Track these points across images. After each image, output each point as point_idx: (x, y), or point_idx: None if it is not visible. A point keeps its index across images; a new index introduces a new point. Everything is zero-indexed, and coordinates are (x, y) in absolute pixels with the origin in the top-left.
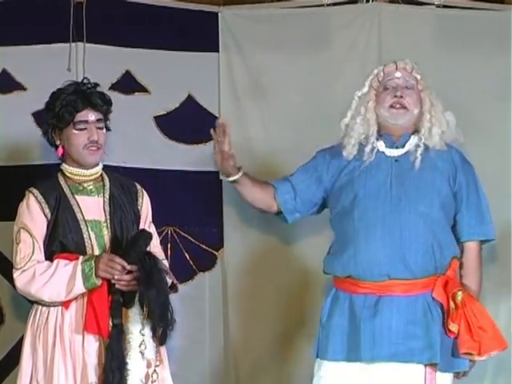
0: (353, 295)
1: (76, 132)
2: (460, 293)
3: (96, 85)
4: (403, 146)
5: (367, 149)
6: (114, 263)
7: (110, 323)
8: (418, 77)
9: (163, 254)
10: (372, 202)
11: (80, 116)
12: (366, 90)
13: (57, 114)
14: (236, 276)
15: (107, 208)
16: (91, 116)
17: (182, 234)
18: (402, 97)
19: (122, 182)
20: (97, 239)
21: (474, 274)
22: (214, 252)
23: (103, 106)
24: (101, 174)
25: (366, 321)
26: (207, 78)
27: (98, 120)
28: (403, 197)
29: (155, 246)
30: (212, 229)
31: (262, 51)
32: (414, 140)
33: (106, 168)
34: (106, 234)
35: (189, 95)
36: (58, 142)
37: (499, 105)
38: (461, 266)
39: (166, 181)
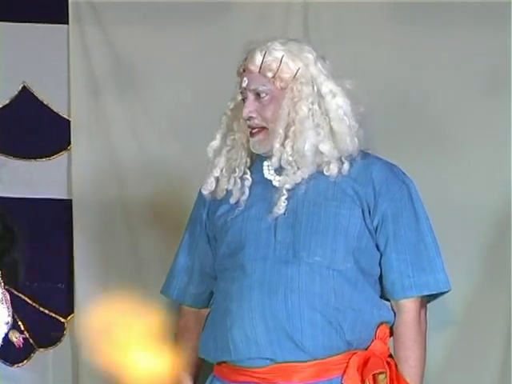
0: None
1: None
2: (383, 377)
3: None
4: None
5: (236, 187)
6: None
7: None
8: (273, 68)
9: None
10: (249, 253)
11: None
12: (239, 99)
13: None
14: (93, 354)
15: None
16: None
17: (14, 292)
18: (250, 118)
19: None
20: None
21: (412, 346)
22: (61, 319)
23: None
24: None
25: None
26: (51, 62)
27: None
28: (292, 243)
29: None
30: (57, 284)
31: (131, 23)
32: None
33: None
34: None
35: (24, 86)
36: None
37: (488, 101)
38: (393, 334)
39: None
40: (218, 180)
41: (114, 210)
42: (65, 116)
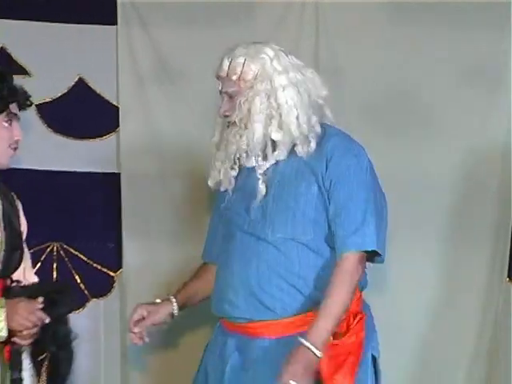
0: (230, 333)
1: (6, 125)
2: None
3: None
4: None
5: (229, 175)
6: (35, 317)
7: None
8: (237, 72)
9: (33, 276)
10: (233, 229)
11: (13, 107)
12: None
13: None
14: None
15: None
16: (17, 110)
17: (71, 250)
18: (225, 116)
19: (2, 188)
20: None
21: (334, 288)
22: (111, 273)
23: (27, 100)
24: None
25: (231, 375)
26: (103, 58)
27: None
28: (262, 220)
29: (26, 269)
30: (108, 244)
31: (170, 24)
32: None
33: None
34: None
35: (79, 78)
36: None
37: (486, 101)
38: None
39: (50, 185)
40: (220, 172)
41: (157, 181)
42: (114, 103)
